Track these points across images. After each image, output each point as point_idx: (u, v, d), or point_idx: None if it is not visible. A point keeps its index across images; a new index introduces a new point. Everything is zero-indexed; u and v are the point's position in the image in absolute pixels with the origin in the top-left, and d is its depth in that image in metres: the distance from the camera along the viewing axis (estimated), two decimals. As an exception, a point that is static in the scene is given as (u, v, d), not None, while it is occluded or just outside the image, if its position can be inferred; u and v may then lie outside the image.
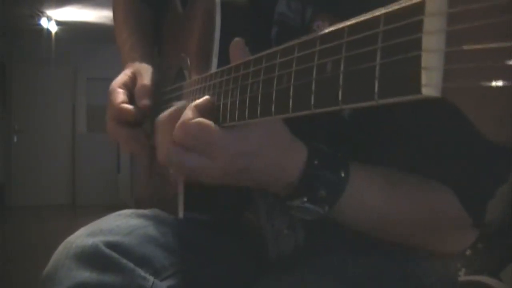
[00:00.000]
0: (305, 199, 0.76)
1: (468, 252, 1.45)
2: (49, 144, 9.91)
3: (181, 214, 0.95)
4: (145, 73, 1.09)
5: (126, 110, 1.04)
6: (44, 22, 8.09)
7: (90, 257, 0.84)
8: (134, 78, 1.10)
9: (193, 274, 0.91)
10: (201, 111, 0.76)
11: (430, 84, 0.41)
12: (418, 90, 0.42)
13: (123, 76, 1.11)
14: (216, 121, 0.74)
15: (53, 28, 8.40)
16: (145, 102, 1.04)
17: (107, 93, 1.09)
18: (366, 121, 0.85)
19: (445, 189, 0.81)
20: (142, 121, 1.05)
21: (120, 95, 1.07)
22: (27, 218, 8.45)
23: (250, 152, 0.73)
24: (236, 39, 0.75)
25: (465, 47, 0.38)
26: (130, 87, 1.09)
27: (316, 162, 0.76)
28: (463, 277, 1.52)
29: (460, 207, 0.81)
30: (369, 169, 0.80)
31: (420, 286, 0.91)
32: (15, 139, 9.74)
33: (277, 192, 0.80)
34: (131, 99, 1.07)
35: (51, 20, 8.10)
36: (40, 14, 7.79)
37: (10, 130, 9.69)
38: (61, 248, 0.89)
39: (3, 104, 9.59)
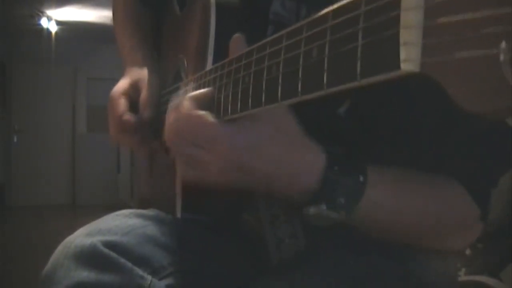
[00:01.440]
0: (324, 207, 0.73)
1: (468, 252, 1.46)
2: (49, 144, 9.91)
3: (179, 214, 0.95)
4: (148, 81, 1.10)
5: (128, 120, 1.08)
6: (44, 22, 8.09)
7: (88, 257, 0.84)
8: (135, 86, 1.12)
9: (191, 274, 0.91)
10: (198, 102, 0.75)
11: (409, 60, 0.42)
12: (397, 66, 0.42)
13: (124, 84, 1.13)
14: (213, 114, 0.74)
15: (53, 28, 8.41)
16: (148, 112, 1.07)
17: (108, 101, 1.12)
18: (362, 118, 0.85)
19: (454, 183, 0.81)
20: (144, 127, 1.07)
21: (122, 104, 1.10)
22: (27, 218, 8.45)
23: (252, 145, 0.72)
24: (236, 34, 0.75)
25: (441, 20, 0.39)
26: (131, 95, 1.11)
27: (336, 168, 0.73)
28: (463, 277, 1.53)
29: (468, 199, 0.82)
30: (382, 170, 0.79)
31: (420, 285, 0.92)
32: (15, 139, 9.74)
33: (290, 197, 0.77)
34: (132, 107, 1.10)
35: (51, 20, 8.11)
36: (40, 14, 7.80)
37: (10, 130, 9.69)
38: (60, 248, 0.89)
39: (3, 104, 9.59)
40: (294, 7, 0.91)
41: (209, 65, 0.88)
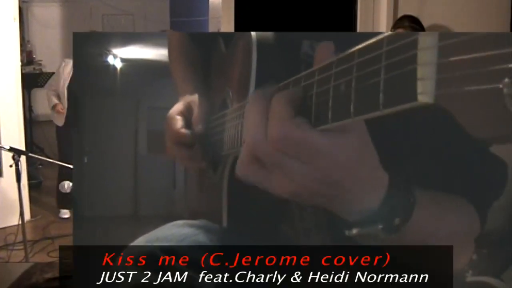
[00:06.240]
0: (380, 227, 0.63)
1: (474, 257, 1.45)
2: (114, 164, 10.03)
3: (224, 224, 0.97)
4: (200, 103, 1.14)
5: (184, 134, 1.13)
6: (110, 59, 8.24)
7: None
8: (189, 107, 1.16)
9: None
10: (293, 106, 0.62)
11: (425, 92, 0.43)
12: (414, 98, 0.43)
13: (180, 105, 1.18)
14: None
15: (118, 65, 8.55)
16: (200, 127, 1.11)
17: (166, 119, 1.17)
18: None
19: (468, 203, 0.78)
20: (196, 143, 1.11)
21: (179, 121, 1.15)
22: (96, 227, 8.53)
23: (347, 160, 0.59)
24: (324, 42, 0.63)
25: (453, 58, 0.40)
26: (185, 114, 1.15)
27: (395, 188, 0.64)
28: (469, 278, 1.51)
29: (476, 216, 0.79)
30: (421, 192, 0.70)
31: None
32: (85, 160, 9.89)
33: (342, 214, 0.67)
34: (186, 124, 1.13)
35: (117, 57, 8.26)
36: (107, 52, 7.97)
37: (82, 152, 9.84)
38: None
39: (76, 129, 9.75)
40: None
41: None
